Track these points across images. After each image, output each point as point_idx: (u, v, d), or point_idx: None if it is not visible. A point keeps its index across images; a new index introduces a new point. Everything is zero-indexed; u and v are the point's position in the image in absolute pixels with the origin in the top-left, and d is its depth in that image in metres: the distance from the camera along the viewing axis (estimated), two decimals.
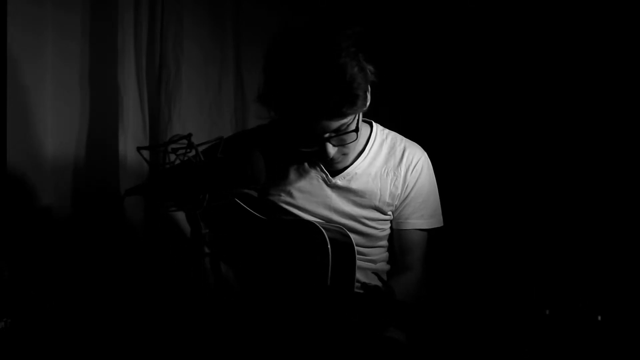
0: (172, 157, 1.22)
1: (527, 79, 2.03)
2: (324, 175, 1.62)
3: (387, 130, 1.69)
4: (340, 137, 1.48)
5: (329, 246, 1.44)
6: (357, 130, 1.48)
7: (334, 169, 1.61)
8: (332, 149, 1.50)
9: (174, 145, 1.21)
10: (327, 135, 1.47)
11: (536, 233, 1.95)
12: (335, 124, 1.44)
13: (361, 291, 1.40)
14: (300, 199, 1.62)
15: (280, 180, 1.64)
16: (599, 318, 1.01)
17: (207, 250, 1.44)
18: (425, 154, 1.66)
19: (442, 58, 2.25)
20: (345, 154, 1.55)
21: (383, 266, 1.69)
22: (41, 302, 1.77)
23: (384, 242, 1.68)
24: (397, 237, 1.67)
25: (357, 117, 1.48)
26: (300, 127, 1.47)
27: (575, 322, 1.02)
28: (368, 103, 1.51)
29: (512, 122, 2.06)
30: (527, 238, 1.96)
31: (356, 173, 1.61)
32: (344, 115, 1.43)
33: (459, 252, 2.03)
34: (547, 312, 1.02)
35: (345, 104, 1.40)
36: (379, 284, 1.46)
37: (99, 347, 1.84)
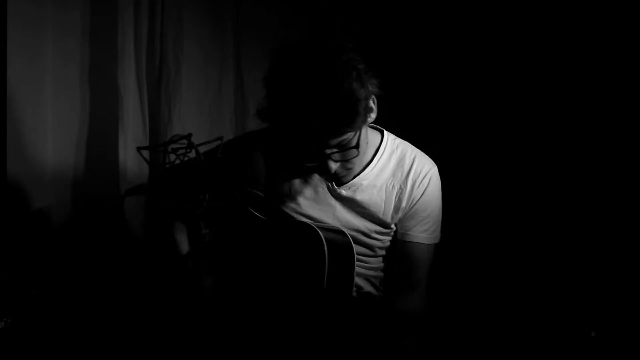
0: (172, 157, 1.22)
1: (528, 81, 2.03)
2: (329, 185, 1.60)
3: (398, 140, 1.65)
4: (342, 153, 1.46)
5: (325, 248, 1.43)
6: (357, 146, 1.45)
7: (339, 182, 1.59)
8: (334, 165, 1.47)
9: (174, 145, 1.21)
10: (328, 151, 1.44)
11: (537, 238, 1.94)
12: (335, 141, 1.42)
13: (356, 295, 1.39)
14: (305, 206, 1.61)
15: (285, 186, 1.62)
16: (593, 334, 1.01)
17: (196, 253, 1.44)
18: (435, 167, 1.63)
19: (442, 59, 2.25)
20: (349, 169, 1.53)
21: (378, 273, 1.69)
22: (41, 302, 1.77)
23: (383, 252, 1.67)
24: (401, 251, 1.64)
25: (358, 133, 1.45)
26: (300, 144, 1.46)
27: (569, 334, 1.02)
28: (374, 115, 1.49)
29: (510, 124, 2.06)
30: (528, 243, 1.95)
31: (362, 184, 1.59)
32: (343, 134, 1.41)
33: (460, 258, 2.02)
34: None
35: (343, 123, 1.38)
36: (371, 290, 1.46)
37: (99, 347, 1.84)
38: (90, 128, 2.07)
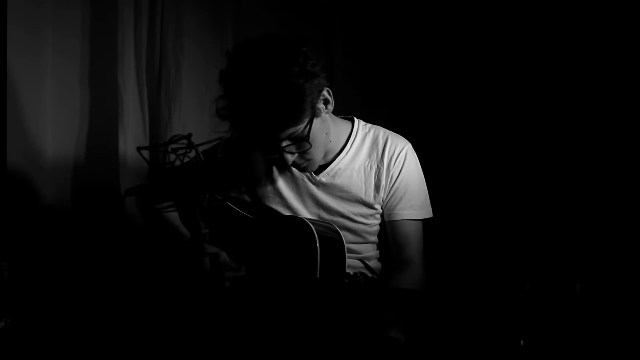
0: (172, 157, 1.22)
1: (525, 78, 2.03)
2: (308, 175, 1.63)
3: (370, 125, 1.69)
4: (296, 145, 1.49)
5: (317, 244, 1.44)
6: (307, 138, 1.48)
7: (306, 172, 1.61)
8: (290, 156, 1.51)
9: (174, 145, 1.21)
10: (282, 144, 1.48)
11: (530, 229, 1.95)
12: (284, 135, 1.46)
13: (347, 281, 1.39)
14: (290, 199, 1.64)
15: (268, 182, 1.65)
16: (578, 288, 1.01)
17: (208, 250, 1.44)
18: (409, 144, 1.66)
19: (441, 57, 2.25)
20: (309, 159, 1.55)
21: (375, 264, 1.69)
22: (41, 302, 1.77)
23: (374, 239, 1.68)
24: (390, 232, 1.65)
25: (309, 125, 1.47)
26: (255, 139, 1.50)
27: (556, 296, 1.01)
28: (330, 107, 1.52)
29: (509, 121, 2.06)
30: (521, 233, 1.95)
31: (339, 169, 1.62)
32: (288, 128, 1.44)
33: (454, 245, 2.02)
34: (528, 286, 1.02)
35: (287, 118, 1.42)
36: (365, 272, 1.46)
37: (99, 346, 1.84)
38: (90, 128, 2.07)
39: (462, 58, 2.19)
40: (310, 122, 1.47)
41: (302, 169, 1.59)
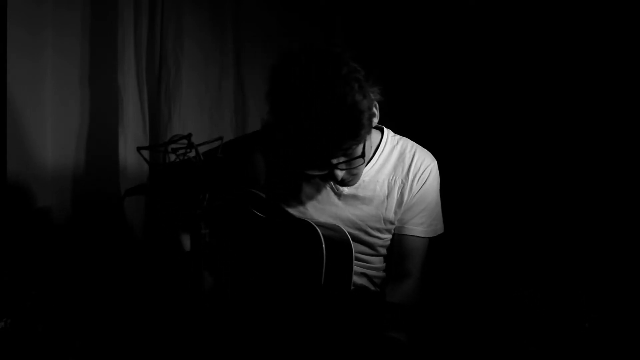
0: (172, 157, 1.22)
1: (528, 80, 2.03)
2: (332, 184, 1.60)
3: (398, 137, 1.66)
4: (350, 161, 1.46)
5: (323, 246, 1.44)
6: (363, 155, 1.46)
7: (350, 185, 1.58)
8: (340, 173, 1.47)
9: (174, 145, 1.21)
10: (334, 161, 1.44)
11: (534, 236, 1.95)
12: (341, 152, 1.43)
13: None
14: (308, 206, 1.62)
15: (289, 186, 1.62)
16: (587, 325, 1.01)
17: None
18: (435, 162, 1.64)
19: (443, 59, 2.25)
20: (355, 174, 1.52)
21: (381, 274, 1.69)
22: (41, 302, 1.77)
23: (384, 251, 1.67)
24: (397, 243, 1.65)
25: (363, 142, 1.45)
26: (307, 156, 1.46)
27: (563, 329, 1.02)
28: (376, 120, 1.48)
29: (510, 123, 2.07)
30: (524, 240, 1.96)
31: (364, 180, 1.59)
32: (350, 147, 1.42)
33: (458, 255, 2.03)
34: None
35: (348, 136, 1.38)
36: (368, 285, 1.47)
37: (99, 347, 1.84)
38: (90, 128, 2.07)
39: (462, 58, 2.19)
40: (365, 139, 1.44)
41: (346, 184, 1.56)
